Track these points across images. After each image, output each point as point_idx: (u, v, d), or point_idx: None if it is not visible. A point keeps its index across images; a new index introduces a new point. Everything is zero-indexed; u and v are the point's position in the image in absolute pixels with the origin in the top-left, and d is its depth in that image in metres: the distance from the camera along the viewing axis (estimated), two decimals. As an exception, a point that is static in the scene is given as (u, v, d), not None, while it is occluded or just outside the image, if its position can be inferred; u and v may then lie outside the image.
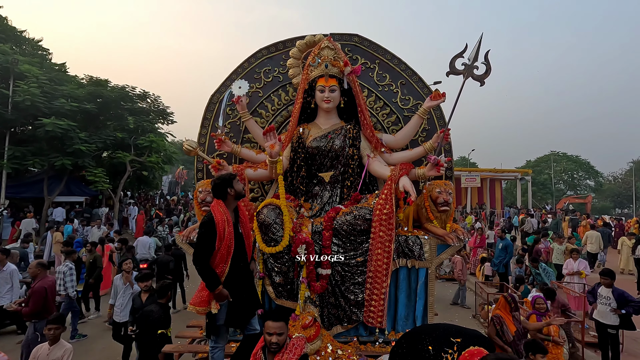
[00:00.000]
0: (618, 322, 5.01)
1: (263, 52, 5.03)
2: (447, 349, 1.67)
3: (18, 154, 14.68)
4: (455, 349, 1.67)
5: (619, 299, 5.05)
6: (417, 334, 1.84)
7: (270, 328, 2.34)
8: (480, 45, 3.82)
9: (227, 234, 2.77)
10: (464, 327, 1.95)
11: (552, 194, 39.75)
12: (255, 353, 2.45)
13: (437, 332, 1.84)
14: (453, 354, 1.65)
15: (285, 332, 2.38)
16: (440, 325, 1.94)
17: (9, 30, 17.95)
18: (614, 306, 5.04)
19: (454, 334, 1.76)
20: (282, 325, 2.37)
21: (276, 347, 2.34)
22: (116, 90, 17.51)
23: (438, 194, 3.76)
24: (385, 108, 4.97)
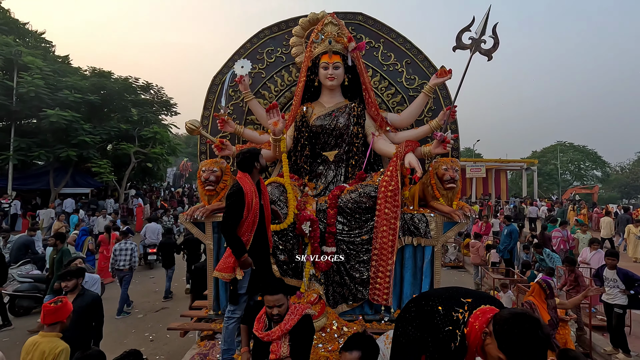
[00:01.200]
0: (626, 302, 4.96)
1: (265, 32, 4.95)
2: (457, 308, 1.62)
3: (23, 145, 14.77)
4: (466, 308, 1.62)
5: (625, 278, 5.00)
6: (426, 297, 1.80)
7: (269, 301, 2.33)
8: (488, 18, 3.72)
9: (255, 204, 2.84)
10: (473, 289, 1.91)
11: (558, 184, 39.38)
12: (259, 317, 2.46)
13: (447, 293, 1.80)
14: (464, 313, 1.60)
15: (284, 303, 2.37)
16: (449, 288, 1.90)
17: (11, 22, 17.95)
18: (622, 287, 4.99)
19: (464, 294, 1.72)
20: (280, 297, 2.34)
21: (278, 318, 2.34)
22: (119, 82, 17.53)
23: (444, 171, 3.69)
24: (390, 88, 4.89)
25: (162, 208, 16.92)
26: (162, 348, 5.21)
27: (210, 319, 3.82)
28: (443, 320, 1.63)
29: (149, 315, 6.56)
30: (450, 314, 1.64)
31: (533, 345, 1.37)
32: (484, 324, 1.53)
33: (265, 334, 2.35)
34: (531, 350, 1.38)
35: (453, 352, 1.58)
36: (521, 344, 1.38)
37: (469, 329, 1.57)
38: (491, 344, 1.47)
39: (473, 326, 1.56)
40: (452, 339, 1.59)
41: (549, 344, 1.39)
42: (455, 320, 1.62)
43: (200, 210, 3.71)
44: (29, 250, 8.15)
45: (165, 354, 5.03)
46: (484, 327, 1.52)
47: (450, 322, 1.62)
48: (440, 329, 1.61)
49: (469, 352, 1.59)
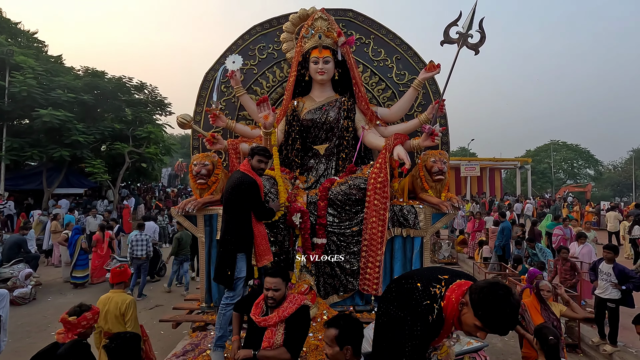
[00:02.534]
0: (619, 297, 5.01)
1: (257, 29, 5.00)
2: (435, 284, 1.70)
3: (16, 145, 14.67)
4: (443, 284, 1.70)
5: (620, 275, 5.03)
6: (406, 276, 1.87)
7: (268, 283, 2.37)
8: (475, 12, 3.79)
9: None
10: (451, 268, 1.99)
11: (551, 182, 39.75)
12: (257, 302, 2.49)
13: (425, 272, 1.88)
14: (441, 288, 1.68)
15: (282, 289, 2.40)
16: (428, 267, 1.99)
17: (3, 22, 17.83)
18: (614, 281, 5.04)
19: (442, 272, 1.81)
20: (278, 281, 2.38)
21: (272, 302, 2.37)
22: (113, 82, 17.45)
23: (433, 163, 3.75)
24: (381, 83, 4.96)
25: (156, 208, 16.88)
26: (156, 344, 5.21)
27: (203, 311, 3.85)
28: (422, 295, 1.70)
29: (142, 312, 6.56)
30: (428, 289, 1.71)
31: (506, 310, 1.45)
32: (460, 295, 1.61)
33: (262, 319, 2.38)
34: (504, 315, 1.46)
35: (431, 325, 1.65)
36: (495, 309, 1.46)
37: (445, 302, 1.65)
38: (467, 313, 1.55)
39: (450, 299, 1.64)
40: (430, 312, 1.66)
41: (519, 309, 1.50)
42: (433, 295, 1.69)
43: (192, 203, 3.74)
44: (22, 250, 8.12)
45: (159, 350, 5.03)
46: (460, 298, 1.60)
47: (429, 296, 1.69)
48: (419, 303, 1.68)
49: (445, 324, 1.67)
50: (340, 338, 1.82)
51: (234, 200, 3.02)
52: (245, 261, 3.04)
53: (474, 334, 1.57)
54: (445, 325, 1.67)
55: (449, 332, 1.73)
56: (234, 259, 2.96)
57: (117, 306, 3.32)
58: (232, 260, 2.95)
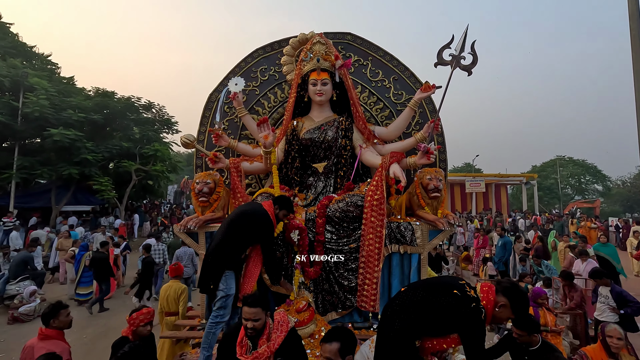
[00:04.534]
0: (617, 320, 4.87)
1: (259, 52, 5.21)
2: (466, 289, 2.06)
3: (27, 164, 15.03)
4: (469, 288, 2.05)
5: (618, 298, 4.94)
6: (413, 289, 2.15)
7: (246, 313, 2.33)
8: (467, 36, 3.94)
9: None
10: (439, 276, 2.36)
11: (559, 198, 39.31)
12: (240, 341, 2.42)
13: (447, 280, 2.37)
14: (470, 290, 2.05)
15: (262, 318, 2.36)
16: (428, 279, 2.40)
17: (19, 46, 18.57)
18: (612, 304, 4.94)
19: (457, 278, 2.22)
20: (257, 311, 2.34)
21: (252, 332, 2.34)
22: (122, 101, 17.95)
23: (429, 181, 3.83)
24: (379, 103, 5.10)
25: (162, 225, 17.01)
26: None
27: (203, 327, 3.87)
28: (463, 300, 2.01)
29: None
30: (466, 294, 2.03)
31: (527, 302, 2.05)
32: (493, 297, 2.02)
33: (252, 357, 2.31)
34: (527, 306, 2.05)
35: (483, 321, 2.01)
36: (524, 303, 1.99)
37: (485, 302, 2.01)
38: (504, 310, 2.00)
39: (488, 299, 2.01)
40: (479, 312, 2.00)
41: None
42: (473, 298, 2.02)
43: (193, 220, 3.84)
44: (28, 267, 8.24)
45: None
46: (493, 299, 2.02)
47: (470, 299, 2.01)
48: (463, 308, 1.99)
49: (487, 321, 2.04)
50: (342, 350, 1.90)
51: (238, 223, 3.16)
52: (235, 280, 3.09)
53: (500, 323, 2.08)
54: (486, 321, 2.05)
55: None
56: (220, 274, 3.01)
57: (175, 292, 4.66)
58: (218, 275, 3.01)
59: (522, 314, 2.06)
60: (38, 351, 2.82)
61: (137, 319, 3.02)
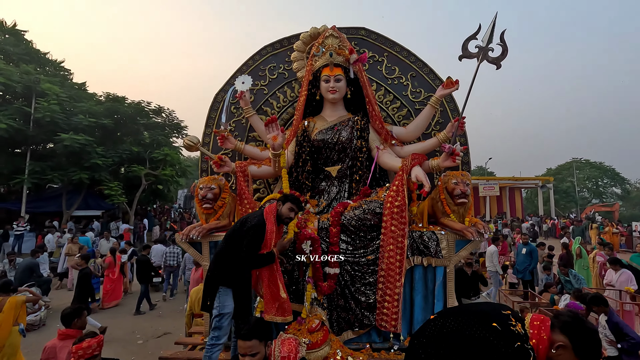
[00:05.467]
0: (616, 354, 4.28)
1: (267, 49, 4.92)
2: (509, 322, 1.49)
3: (38, 169, 15.06)
4: (514, 320, 1.50)
5: (614, 329, 4.38)
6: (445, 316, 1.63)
7: (240, 348, 2.03)
8: (495, 25, 3.57)
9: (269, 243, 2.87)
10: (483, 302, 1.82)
11: (576, 202, 38.13)
12: None
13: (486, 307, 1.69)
14: (516, 324, 1.48)
15: (260, 351, 2.04)
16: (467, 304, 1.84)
17: (33, 52, 18.75)
18: (610, 336, 4.40)
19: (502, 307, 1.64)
20: (253, 344, 2.02)
21: None
22: (132, 106, 17.94)
23: (454, 186, 3.46)
24: (396, 102, 4.75)
25: (171, 229, 16.87)
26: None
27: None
28: (504, 336, 1.46)
29: (150, 341, 6.31)
30: (508, 329, 1.48)
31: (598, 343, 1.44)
32: (546, 334, 1.47)
33: None
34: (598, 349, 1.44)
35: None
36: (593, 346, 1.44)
37: (535, 341, 1.46)
38: (564, 354, 1.45)
39: (540, 337, 1.46)
40: (526, 355, 1.43)
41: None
42: (517, 335, 1.47)
43: (196, 229, 3.54)
44: (34, 273, 8.07)
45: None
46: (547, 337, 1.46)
47: (514, 337, 1.46)
48: (503, 347, 1.44)
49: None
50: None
51: (237, 234, 2.83)
52: (233, 297, 2.79)
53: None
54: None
55: None
56: (214, 290, 2.76)
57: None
58: (213, 291, 2.76)
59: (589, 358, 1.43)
60: (61, 350, 2.94)
61: (76, 353, 2.53)
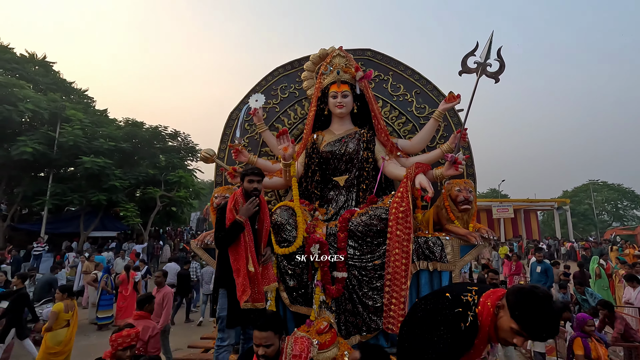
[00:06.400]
0: None
1: (279, 71, 5.26)
2: (466, 293, 1.62)
3: (59, 190, 15.69)
4: (474, 292, 1.61)
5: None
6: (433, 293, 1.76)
7: (256, 338, 2.10)
8: (492, 42, 3.80)
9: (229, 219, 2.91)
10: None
11: (595, 225, 37.04)
12: None
13: (453, 286, 1.79)
14: (473, 296, 1.59)
15: (274, 343, 2.11)
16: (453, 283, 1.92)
17: (60, 82, 19.99)
18: None
19: (470, 285, 1.72)
20: (269, 335, 2.08)
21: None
22: (150, 131, 18.73)
23: (458, 193, 3.58)
24: (401, 117, 4.97)
25: (184, 250, 17.08)
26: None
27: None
28: (452, 303, 1.59)
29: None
30: (459, 298, 1.61)
31: (545, 311, 1.39)
32: (496, 299, 1.54)
33: None
34: (543, 316, 1.39)
35: (463, 332, 1.54)
36: (533, 309, 1.40)
37: (480, 307, 1.56)
38: (504, 316, 1.49)
39: (485, 304, 1.55)
40: (461, 319, 1.55)
41: (560, 315, 1.55)
42: (465, 303, 1.60)
43: (211, 235, 3.72)
44: (52, 289, 8.30)
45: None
46: (496, 302, 1.53)
47: (460, 304, 1.59)
48: (450, 312, 1.57)
49: (481, 332, 1.55)
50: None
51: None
52: (227, 298, 2.87)
53: (510, 340, 1.47)
54: (480, 334, 1.55)
55: (485, 342, 1.58)
56: (216, 293, 2.87)
57: None
58: (215, 295, 2.86)
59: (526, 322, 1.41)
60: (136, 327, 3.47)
61: (115, 341, 2.85)
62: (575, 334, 4.31)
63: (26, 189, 15.99)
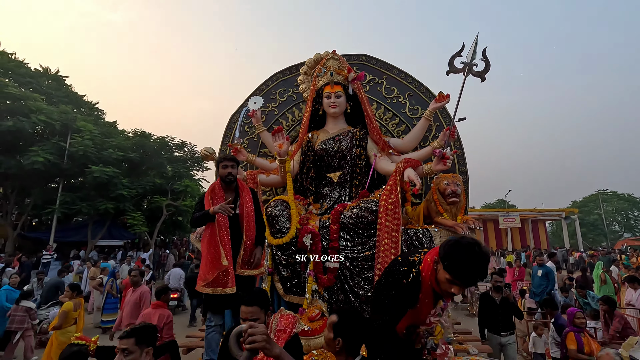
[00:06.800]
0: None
1: (278, 76, 5.50)
2: (414, 254, 1.73)
3: (68, 199, 16.05)
4: (422, 254, 1.75)
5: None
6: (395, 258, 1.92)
7: (243, 313, 2.17)
8: (477, 43, 3.98)
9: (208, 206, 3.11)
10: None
11: (605, 235, 36.37)
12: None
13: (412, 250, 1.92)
14: (420, 256, 1.73)
15: (260, 318, 2.18)
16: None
17: (72, 95, 20.66)
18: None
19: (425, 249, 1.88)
20: (255, 310, 2.15)
21: None
22: (157, 141, 19.16)
23: (446, 186, 3.71)
24: (395, 118, 5.14)
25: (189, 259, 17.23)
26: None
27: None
28: (400, 264, 1.72)
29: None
30: (407, 258, 1.76)
31: (469, 256, 1.50)
32: (434, 255, 1.65)
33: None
34: (468, 262, 1.50)
35: (405, 288, 1.67)
36: (458, 257, 1.51)
37: (423, 265, 1.69)
38: (440, 269, 1.58)
39: (426, 261, 1.68)
40: (404, 276, 1.69)
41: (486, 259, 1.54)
42: (411, 262, 1.74)
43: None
44: (59, 292, 8.48)
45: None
46: (434, 258, 1.64)
47: (406, 264, 1.73)
48: (396, 272, 1.68)
49: (423, 286, 1.67)
50: (337, 327, 1.75)
51: None
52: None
53: (449, 291, 1.57)
54: (423, 288, 1.67)
55: (429, 296, 1.68)
56: None
57: None
58: None
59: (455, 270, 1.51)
60: (154, 314, 4.01)
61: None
62: (569, 329, 4.33)
63: (36, 199, 16.39)
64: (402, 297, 1.69)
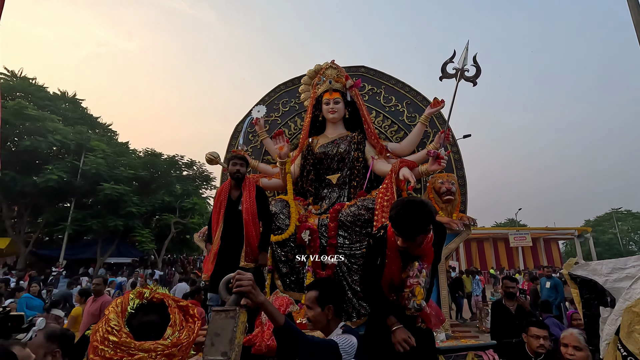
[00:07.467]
0: None
1: (281, 87, 5.77)
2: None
3: (79, 216, 16.41)
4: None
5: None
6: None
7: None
8: (468, 50, 4.18)
9: (219, 202, 3.31)
10: None
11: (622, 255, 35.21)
12: None
13: None
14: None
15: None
16: None
17: (87, 117, 21.50)
18: None
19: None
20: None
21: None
22: (167, 160, 19.67)
23: (440, 185, 3.82)
24: (393, 125, 5.31)
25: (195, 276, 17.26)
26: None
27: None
28: (377, 230, 2.08)
29: None
30: (383, 224, 2.08)
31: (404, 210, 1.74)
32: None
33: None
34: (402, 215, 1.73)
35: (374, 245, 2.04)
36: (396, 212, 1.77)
37: (389, 225, 1.95)
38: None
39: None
40: (375, 236, 2.05)
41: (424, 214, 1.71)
42: (384, 226, 2.04)
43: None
44: (67, 304, 8.59)
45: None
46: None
47: (380, 228, 2.08)
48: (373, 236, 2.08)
49: (389, 242, 1.94)
50: (320, 298, 1.83)
51: None
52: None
53: (401, 244, 1.83)
54: (388, 243, 1.94)
55: (394, 250, 1.92)
56: None
57: None
58: None
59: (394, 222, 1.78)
60: None
61: None
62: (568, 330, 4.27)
63: (49, 216, 16.79)
64: (374, 253, 2.01)
